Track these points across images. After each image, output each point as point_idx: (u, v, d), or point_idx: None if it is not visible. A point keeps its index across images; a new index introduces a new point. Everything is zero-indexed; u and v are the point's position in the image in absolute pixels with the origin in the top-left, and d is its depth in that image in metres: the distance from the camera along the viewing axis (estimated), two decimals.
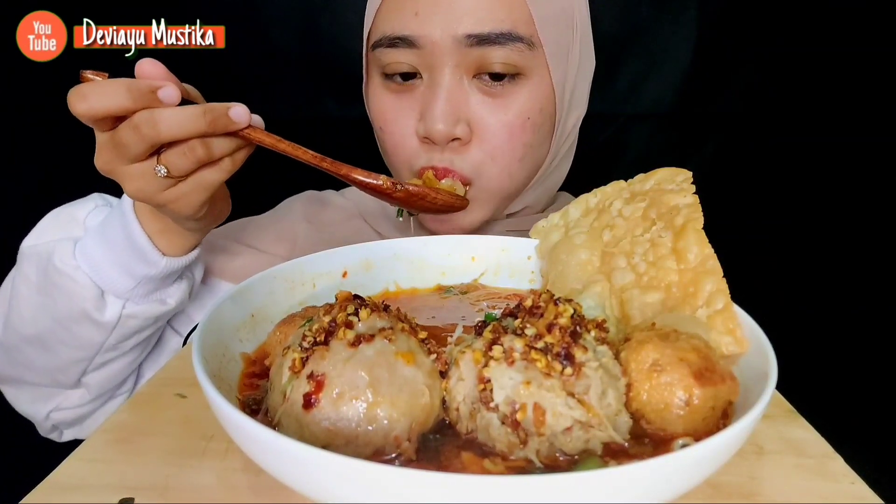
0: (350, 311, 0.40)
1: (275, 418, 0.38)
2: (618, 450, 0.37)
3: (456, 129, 0.71)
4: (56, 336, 0.69)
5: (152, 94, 0.53)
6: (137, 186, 0.57)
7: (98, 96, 0.52)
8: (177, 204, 0.59)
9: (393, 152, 0.78)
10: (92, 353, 0.70)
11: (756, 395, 0.35)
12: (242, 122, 0.56)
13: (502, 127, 0.72)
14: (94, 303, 0.66)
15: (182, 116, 0.53)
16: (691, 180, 0.52)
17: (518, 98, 0.72)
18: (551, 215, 0.61)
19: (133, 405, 0.48)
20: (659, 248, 0.49)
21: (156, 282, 0.68)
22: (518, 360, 0.37)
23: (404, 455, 0.36)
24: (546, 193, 0.87)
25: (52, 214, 0.72)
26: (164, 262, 0.66)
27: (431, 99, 0.71)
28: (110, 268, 0.66)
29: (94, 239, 0.67)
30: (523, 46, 0.70)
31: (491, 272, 0.65)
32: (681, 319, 0.44)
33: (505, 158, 0.74)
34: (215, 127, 0.55)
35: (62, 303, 0.66)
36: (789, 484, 0.40)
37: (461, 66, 0.70)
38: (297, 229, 0.88)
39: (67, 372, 0.72)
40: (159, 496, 0.38)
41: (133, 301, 0.68)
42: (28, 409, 0.77)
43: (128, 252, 0.65)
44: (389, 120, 0.76)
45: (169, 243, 0.66)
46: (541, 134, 0.76)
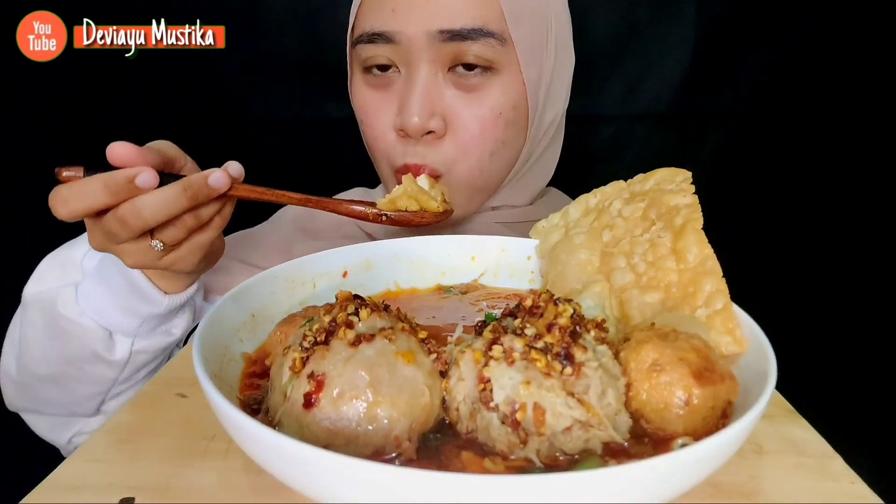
0: (350, 310, 0.40)
1: (275, 418, 0.38)
2: (618, 449, 0.37)
3: (430, 123, 0.72)
4: (69, 375, 0.70)
5: (130, 185, 0.53)
6: (135, 260, 0.59)
7: (77, 199, 0.53)
8: (176, 266, 0.61)
9: (373, 145, 0.80)
10: (106, 388, 0.71)
11: (756, 395, 0.35)
12: (222, 188, 0.57)
13: (476, 121, 0.74)
14: (103, 344, 0.67)
15: (164, 199, 0.54)
16: (691, 180, 0.52)
17: (491, 93, 0.74)
18: (551, 215, 0.61)
19: (134, 405, 0.48)
20: (658, 248, 0.49)
21: (160, 318, 0.69)
22: (518, 360, 0.37)
23: (404, 455, 0.36)
24: (528, 190, 0.88)
25: (48, 259, 0.73)
26: (167, 301, 0.67)
27: (408, 93, 0.73)
28: (114, 310, 0.67)
29: (93, 283, 0.68)
30: (495, 42, 0.72)
31: (491, 272, 0.65)
32: (680, 319, 0.44)
33: (476, 152, 0.75)
34: (197, 200, 0.56)
35: (72, 346, 0.68)
36: (789, 483, 0.40)
37: (436, 61, 0.72)
38: (292, 239, 0.89)
39: (84, 405, 0.73)
40: (160, 496, 0.38)
41: (141, 337, 0.69)
42: (49, 436, 0.78)
43: (130, 294, 0.66)
44: (370, 114, 0.78)
45: (168, 284, 0.67)
46: (514, 130, 0.77)
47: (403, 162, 0.75)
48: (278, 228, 0.92)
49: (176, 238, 0.58)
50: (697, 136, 1.31)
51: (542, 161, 0.87)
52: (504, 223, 0.85)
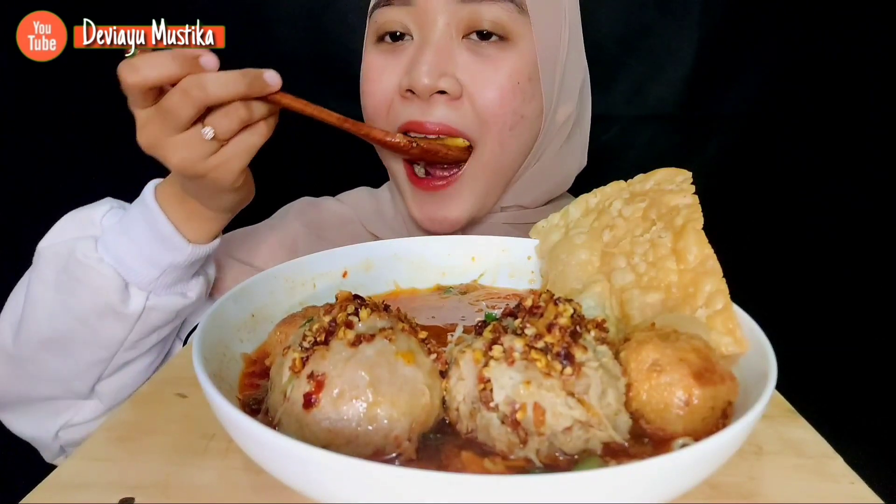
0: (350, 310, 0.40)
1: (275, 418, 0.38)
2: (618, 449, 0.37)
3: (441, 82, 0.72)
4: (76, 335, 0.68)
5: (195, 61, 0.57)
6: (183, 155, 0.59)
7: (148, 67, 0.56)
8: (219, 171, 0.61)
9: (372, 107, 0.79)
10: (112, 352, 0.70)
11: (756, 395, 0.35)
12: (275, 85, 0.61)
13: (494, 86, 0.74)
14: (118, 295, 0.66)
15: (225, 79, 0.58)
16: (691, 181, 0.52)
17: (507, 61, 0.74)
18: (551, 215, 0.61)
19: (134, 404, 0.48)
20: (659, 248, 0.49)
21: (179, 271, 0.69)
22: (518, 360, 0.37)
23: (404, 455, 0.36)
24: (539, 189, 0.86)
25: (68, 216, 0.72)
26: (190, 249, 0.67)
27: (419, 54, 0.73)
28: (134, 260, 0.66)
29: (114, 235, 0.68)
30: (513, 7, 0.72)
31: (491, 272, 0.65)
32: (681, 320, 0.44)
33: (497, 123, 0.75)
34: (252, 88, 0.59)
35: (85, 298, 0.66)
36: (789, 484, 0.40)
37: (451, 24, 0.73)
38: (296, 236, 0.88)
39: (84, 376, 0.71)
40: (160, 495, 0.38)
41: (156, 293, 0.69)
42: (34, 432, 0.75)
43: (152, 242, 0.66)
44: (372, 77, 0.78)
45: (193, 230, 0.67)
46: (531, 108, 0.77)
47: (407, 119, 0.74)
48: (282, 226, 0.90)
49: (227, 127, 0.59)
50: (701, 137, 1.31)
51: (557, 161, 0.86)
52: (512, 223, 0.84)
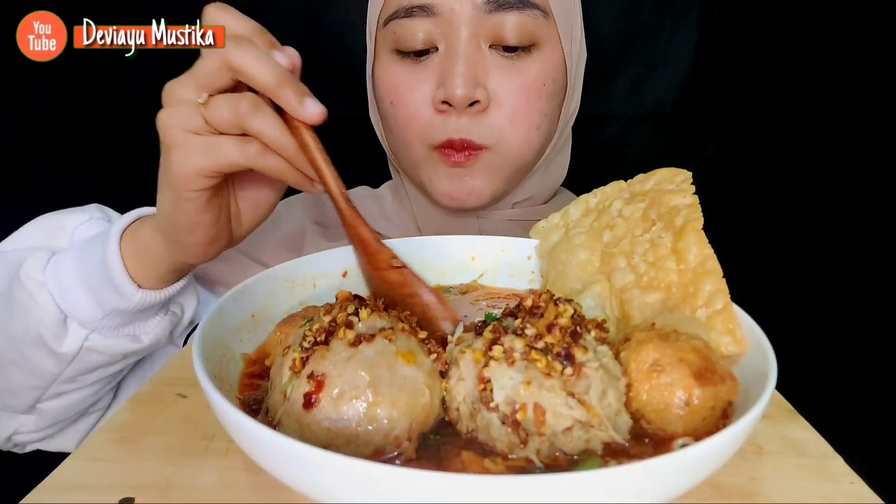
0: (350, 310, 0.40)
1: (275, 418, 0.38)
2: (618, 450, 0.37)
3: (476, 92, 0.71)
4: (7, 356, 0.60)
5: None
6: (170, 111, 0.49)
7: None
8: (181, 153, 0.48)
9: (407, 125, 0.76)
10: (46, 384, 0.62)
11: (756, 395, 0.35)
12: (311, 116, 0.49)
13: (520, 90, 0.73)
14: (52, 329, 0.58)
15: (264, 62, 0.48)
16: (691, 180, 0.52)
17: (533, 65, 0.74)
18: (551, 216, 0.61)
19: (134, 404, 0.48)
20: (659, 248, 0.49)
21: (128, 315, 0.59)
22: (518, 360, 0.37)
23: (405, 455, 0.36)
24: (549, 184, 0.87)
25: (40, 219, 0.66)
26: (139, 296, 0.57)
27: (450, 65, 0.71)
28: (80, 291, 0.57)
29: (73, 255, 0.59)
30: (539, 14, 0.72)
31: (491, 272, 0.65)
32: (681, 320, 0.44)
33: (524, 124, 0.75)
34: (282, 89, 0.48)
35: (18, 321, 0.58)
36: (789, 484, 0.40)
37: (478, 34, 0.72)
38: (304, 233, 0.86)
39: (19, 396, 0.63)
40: (160, 495, 0.38)
41: (99, 333, 0.59)
42: None
43: (101, 278, 0.57)
44: (402, 91, 0.75)
45: (148, 273, 0.57)
46: (553, 105, 0.78)
47: (447, 137, 0.73)
48: (287, 221, 0.87)
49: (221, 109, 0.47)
50: (700, 137, 1.31)
51: (563, 153, 0.87)
52: (516, 220, 0.85)
